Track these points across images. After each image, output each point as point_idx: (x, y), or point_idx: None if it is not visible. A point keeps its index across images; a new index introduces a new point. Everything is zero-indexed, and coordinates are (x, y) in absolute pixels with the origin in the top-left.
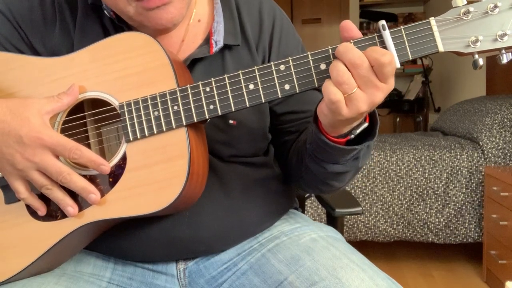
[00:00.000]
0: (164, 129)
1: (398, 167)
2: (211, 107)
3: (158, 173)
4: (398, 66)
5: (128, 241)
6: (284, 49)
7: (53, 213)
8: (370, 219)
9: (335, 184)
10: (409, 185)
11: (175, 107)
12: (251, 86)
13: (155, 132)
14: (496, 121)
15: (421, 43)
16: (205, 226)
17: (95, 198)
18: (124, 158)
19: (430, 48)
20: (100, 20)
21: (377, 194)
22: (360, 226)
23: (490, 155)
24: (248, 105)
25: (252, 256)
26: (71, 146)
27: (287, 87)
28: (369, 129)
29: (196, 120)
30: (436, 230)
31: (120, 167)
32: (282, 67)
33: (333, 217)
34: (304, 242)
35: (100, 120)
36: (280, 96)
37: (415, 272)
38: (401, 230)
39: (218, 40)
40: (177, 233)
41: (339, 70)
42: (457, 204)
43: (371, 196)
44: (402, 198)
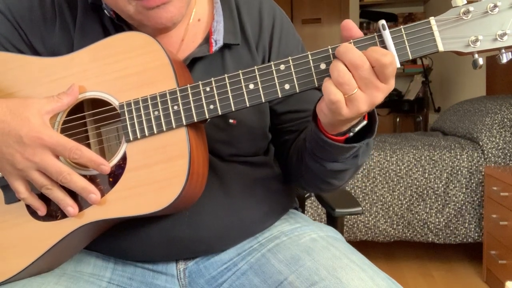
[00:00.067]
0: (164, 129)
1: (398, 167)
2: (211, 107)
3: (158, 173)
4: (398, 66)
5: (128, 241)
6: (284, 48)
7: (53, 213)
8: (370, 219)
9: (335, 183)
10: (409, 185)
11: (175, 107)
12: (251, 86)
13: (155, 132)
14: (496, 121)
15: (421, 43)
16: (205, 225)
17: (95, 198)
18: (124, 158)
19: (430, 47)
20: (100, 20)
21: (377, 194)
22: (360, 226)
23: (490, 155)
24: (248, 105)
25: (252, 256)
26: (71, 146)
27: (287, 87)
28: (368, 126)
29: (196, 120)
30: (436, 230)
31: (120, 167)
32: (282, 66)
33: (333, 217)
34: (304, 242)
35: (100, 120)
36: (280, 96)
37: (415, 272)
38: (401, 230)
39: (218, 39)
40: (177, 233)
41: (339, 70)
42: (457, 204)
43: (371, 196)
44: (402, 198)
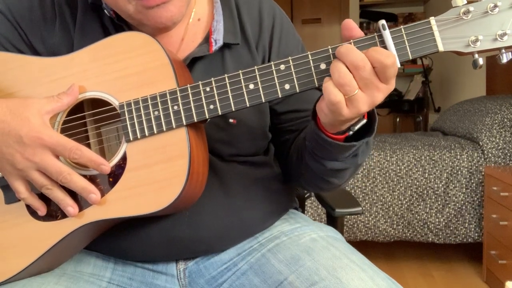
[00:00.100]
0: (164, 129)
1: (398, 167)
2: (211, 107)
3: (158, 173)
4: (398, 65)
5: (128, 241)
6: (284, 48)
7: (53, 213)
8: (370, 219)
9: (335, 182)
10: (409, 185)
11: (175, 107)
12: (251, 86)
13: (155, 132)
14: (496, 121)
15: (421, 43)
16: (205, 225)
17: (95, 198)
18: (124, 158)
19: (430, 47)
20: (100, 20)
21: (377, 194)
22: (360, 226)
23: (490, 155)
24: (248, 105)
25: (252, 256)
26: (71, 146)
27: (287, 87)
28: (367, 125)
29: (196, 120)
30: (436, 230)
31: (120, 167)
32: (282, 66)
33: (333, 217)
34: (304, 242)
35: (100, 120)
36: (280, 96)
37: (415, 272)
38: (401, 230)
39: (217, 39)
40: (177, 233)
41: (340, 71)
42: (457, 204)
43: (371, 196)
44: (402, 198)
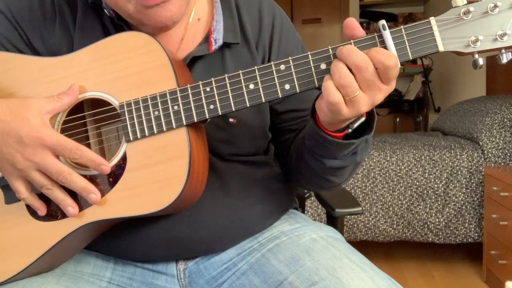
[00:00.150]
0: (165, 129)
1: (398, 167)
2: (211, 107)
3: (158, 173)
4: (399, 66)
5: (128, 241)
6: (284, 48)
7: (53, 213)
8: (370, 219)
9: (334, 180)
10: (409, 185)
11: (175, 107)
12: (251, 86)
13: (155, 132)
14: (496, 121)
15: (421, 43)
16: (205, 225)
17: (96, 198)
18: (124, 158)
19: (430, 48)
20: (100, 19)
21: (377, 194)
22: (360, 226)
23: (490, 155)
24: (248, 105)
25: (252, 256)
26: (71, 146)
27: (287, 87)
28: (366, 123)
29: (196, 120)
30: (436, 230)
31: (120, 167)
32: (282, 67)
33: (333, 217)
34: (304, 242)
35: (100, 120)
36: (280, 96)
37: (415, 272)
38: (401, 230)
39: (217, 38)
40: (177, 233)
41: (341, 72)
42: (457, 204)
43: (371, 196)
44: (402, 198)
